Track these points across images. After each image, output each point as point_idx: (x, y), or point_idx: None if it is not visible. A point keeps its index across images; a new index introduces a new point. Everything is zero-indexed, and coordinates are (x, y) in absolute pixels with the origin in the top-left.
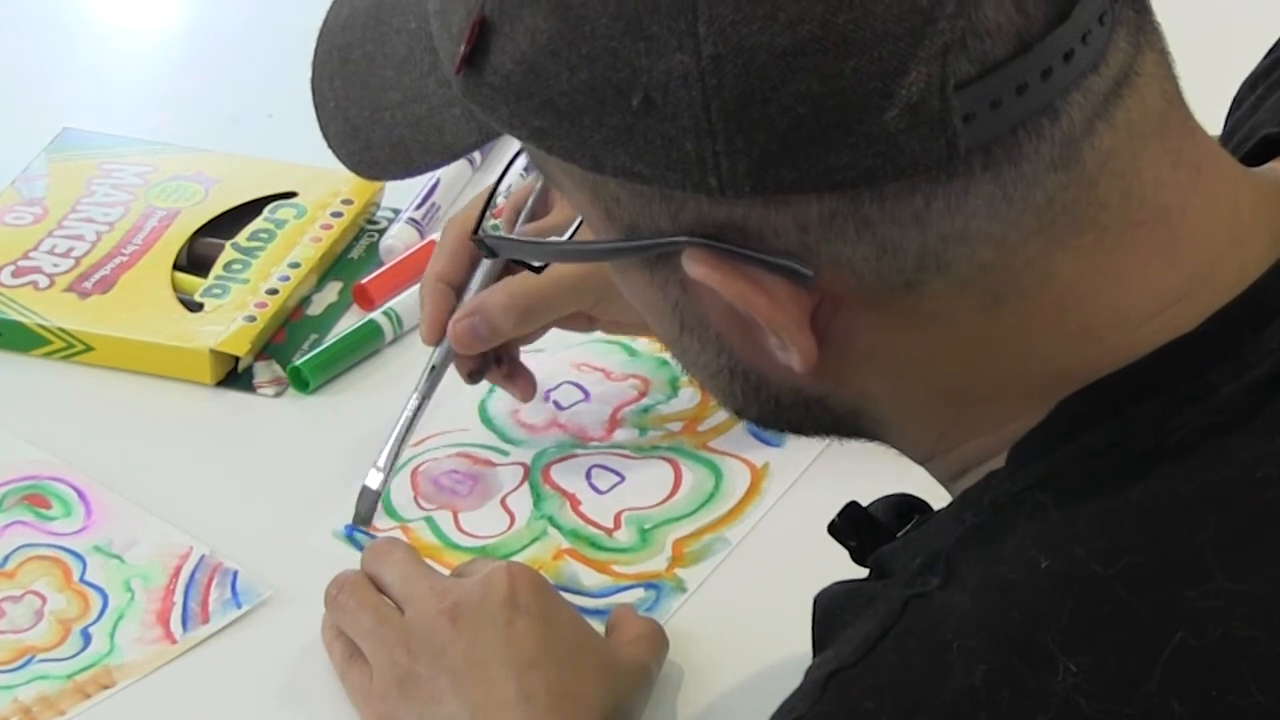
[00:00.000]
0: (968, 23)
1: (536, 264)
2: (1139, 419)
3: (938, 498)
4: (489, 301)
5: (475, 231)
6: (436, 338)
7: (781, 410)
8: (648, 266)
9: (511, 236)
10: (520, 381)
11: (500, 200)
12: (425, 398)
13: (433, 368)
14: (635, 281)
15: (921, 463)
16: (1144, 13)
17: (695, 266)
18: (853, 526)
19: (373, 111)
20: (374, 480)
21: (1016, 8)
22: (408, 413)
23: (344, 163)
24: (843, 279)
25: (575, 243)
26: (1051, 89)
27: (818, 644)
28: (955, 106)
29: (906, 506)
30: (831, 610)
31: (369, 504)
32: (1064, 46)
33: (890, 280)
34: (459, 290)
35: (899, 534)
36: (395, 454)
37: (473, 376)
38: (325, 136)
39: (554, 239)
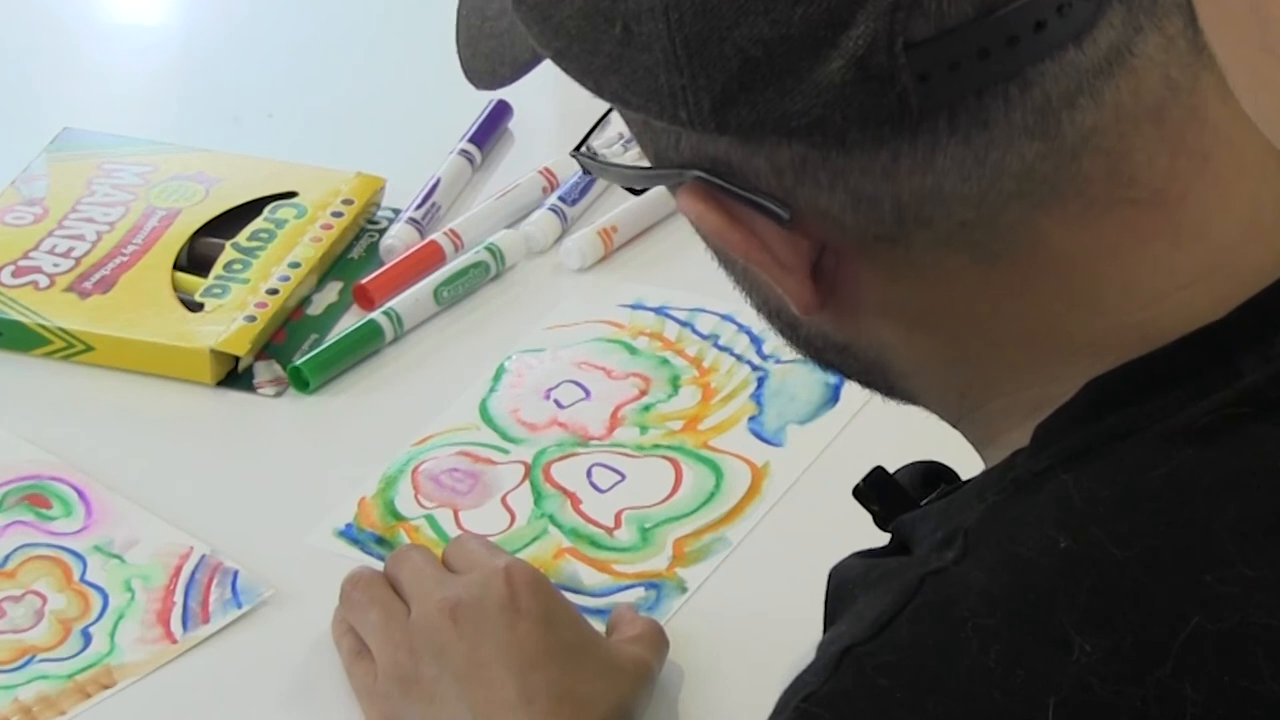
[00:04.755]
0: None
1: (629, 187)
2: (1165, 403)
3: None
4: None
5: (578, 149)
6: None
7: (820, 353)
8: (678, 196)
9: (596, 158)
10: None
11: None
12: None
13: None
14: (680, 209)
15: (953, 424)
16: None
17: (683, 199)
18: (877, 492)
19: (482, 21)
20: None
21: None
22: None
23: (462, 68)
24: (829, 226)
25: (628, 166)
26: (1019, 57)
27: (829, 616)
28: (905, 64)
29: (933, 475)
30: (845, 584)
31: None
32: (1034, 16)
33: (872, 230)
34: None
35: (923, 502)
36: None
37: None
38: (457, 44)
39: (620, 161)
